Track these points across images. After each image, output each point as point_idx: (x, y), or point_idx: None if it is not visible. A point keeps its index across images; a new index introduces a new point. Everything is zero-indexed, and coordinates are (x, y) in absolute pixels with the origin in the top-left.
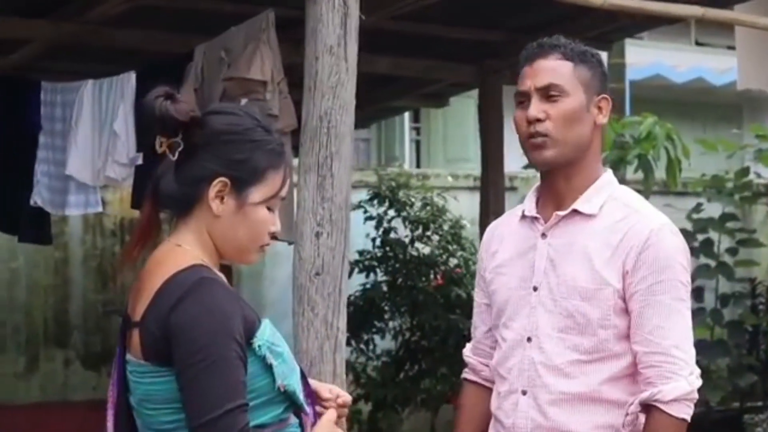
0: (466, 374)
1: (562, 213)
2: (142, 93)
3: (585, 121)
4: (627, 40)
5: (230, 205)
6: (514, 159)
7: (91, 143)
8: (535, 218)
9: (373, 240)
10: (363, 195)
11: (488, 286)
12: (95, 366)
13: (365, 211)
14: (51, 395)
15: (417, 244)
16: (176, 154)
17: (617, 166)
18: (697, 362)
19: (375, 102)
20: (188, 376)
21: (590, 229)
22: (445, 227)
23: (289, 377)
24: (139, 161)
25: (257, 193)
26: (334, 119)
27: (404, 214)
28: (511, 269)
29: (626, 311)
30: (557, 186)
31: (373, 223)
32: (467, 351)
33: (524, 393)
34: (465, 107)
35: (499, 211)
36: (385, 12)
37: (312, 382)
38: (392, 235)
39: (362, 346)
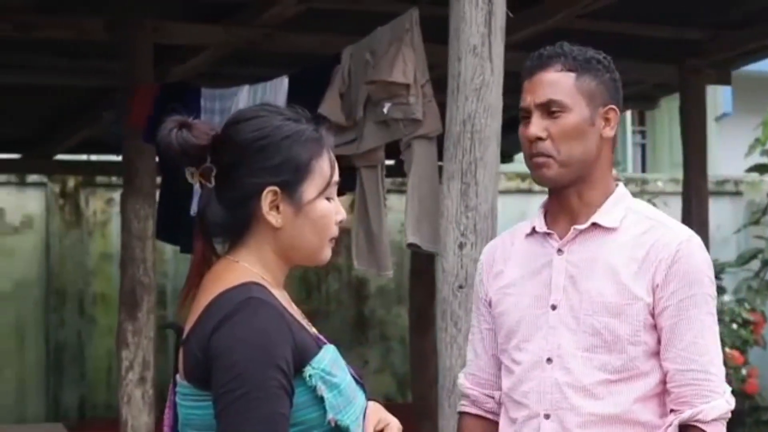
0: (465, 407)
1: (580, 227)
2: (293, 97)
3: (589, 135)
4: None
5: (288, 212)
6: (735, 162)
7: None
8: (548, 234)
9: None
10: None
11: (494, 309)
12: None
13: None
14: None
15: None
16: (212, 180)
17: None
18: None
19: None
20: (222, 404)
21: (612, 243)
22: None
23: (344, 411)
24: None
25: (310, 189)
26: (479, 123)
27: None
28: (521, 288)
29: (654, 327)
30: (569, 202)
31: None
32: (463, 381)
33: (547, 417)
34: None
35: (702, 218)
36: (570, 11)
37: (369, 407)
38: None
39: None
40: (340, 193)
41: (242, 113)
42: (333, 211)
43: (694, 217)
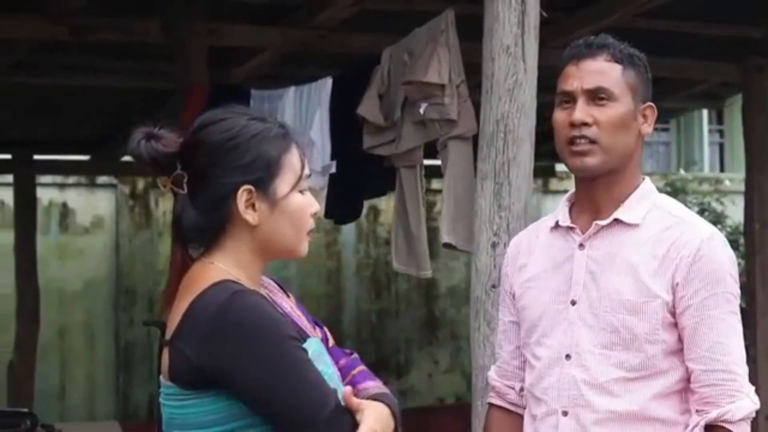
0: (492, 399)
1: (602, 222)
2: (337, 98)
3: (631, 129)
4: None
5: (264, 209)
6: None
7: None
8: (571, 228)
9: None
10: None
11: (517, 302)
12: None
13: None
14: None
15: None
16: (184, 187)
17: None
18: None
19: None
20: (267, 396)
21: (634, 240)
22: (722, 234)
23: None
24: (333, 170)
25: (283, 184)
26: (512, 123)
27: None
28: (544, 283)
29: (674, 326)
30: (595, 195)
31: None
32: (492, 373)
33: (565, 414)
34: None
35: (764, 217)
36: (627, 9)
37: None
38: None
39: None
40: (381, 194)
41: (209, 117)
42: (307, 204)
43: (756, 216)
